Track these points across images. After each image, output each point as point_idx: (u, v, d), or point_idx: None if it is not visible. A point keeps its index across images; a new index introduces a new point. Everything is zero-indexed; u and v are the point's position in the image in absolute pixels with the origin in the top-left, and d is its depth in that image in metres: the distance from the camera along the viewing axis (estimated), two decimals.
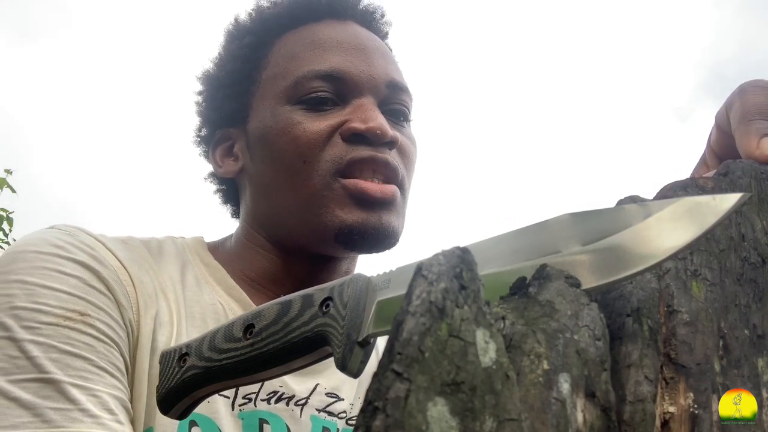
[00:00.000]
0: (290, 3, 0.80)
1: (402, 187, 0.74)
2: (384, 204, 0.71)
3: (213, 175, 0.85)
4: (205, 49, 0.87)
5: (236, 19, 0.83)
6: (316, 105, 0.72)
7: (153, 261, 0.71)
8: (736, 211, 0.32)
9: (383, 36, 0.83)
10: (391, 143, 0.72)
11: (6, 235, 3.53)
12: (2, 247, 3.32)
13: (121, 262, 0.66)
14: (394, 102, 0.76)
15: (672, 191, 0.39)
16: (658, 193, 0.40)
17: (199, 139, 0.85)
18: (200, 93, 0.84)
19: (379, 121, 0.70)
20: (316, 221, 0.71)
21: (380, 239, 0.71)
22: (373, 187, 0.70)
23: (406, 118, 0.78)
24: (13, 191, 3.51)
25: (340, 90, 0.73)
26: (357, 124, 0.70)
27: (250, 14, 0.83)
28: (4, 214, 3.53)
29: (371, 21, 0.82)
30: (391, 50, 0.83)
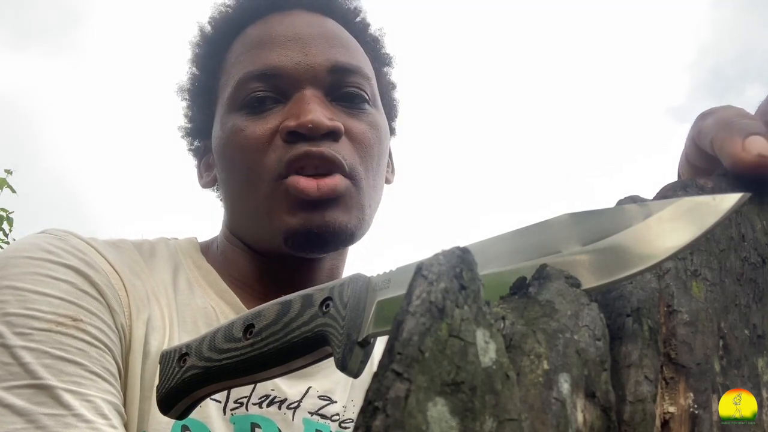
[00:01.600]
0: (240, 5, 0.78)
1: (354, 178, 0.70)
2: (325, 201, 0.67)
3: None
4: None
5: (199, 29, 0.82)
6: (256, 107, 0.70)
7: (145, 264, 0.70)
8: (736, 211, 0.32)
9: (347, 15, 0.79)
10: (334, 134, 0.68)
11: (6, 235, 3.53)
12: (2, 248, 3.32)
13: (112, 266, 0.65)
14: (343, 86, 0.72)
15: (672, 191, 0.39)
16: (658, 193, 0.40)
17: (191, 152, 0.85)
18: (183, 107, 0.84)
19: (311, 115, 0.67)
20: (268, 227, 0.70)
21: (327, 239, 0.68)
22: (310, 185, 0.67)
23: (364, 100, 0.73)
24: (13, 191, 3.51)
25: (278, 87, 0.70)
26: (289, 122, 0.68)
27: (209, 22, 0.81)
28: (4, 214, 3.53)
29: (325, 3, 0.77)
30: (366, 26, 0.80)
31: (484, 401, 0.23)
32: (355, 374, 0.38)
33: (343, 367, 0.38)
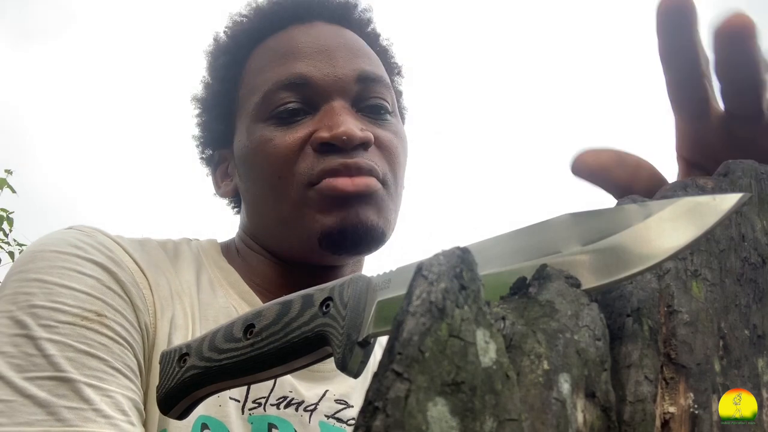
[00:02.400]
0: (258, 16, 0.79)
1: (385, 184, 0.71)
2: (360, 198, 0.68)
3: None
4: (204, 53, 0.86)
5: (214, 39, 0.83)
6: (286, 118, 0.71)
7: (169, 264, 0.71)
8: (737, 211, 0.32)
9: (362, 25, 0.80)
10: (365, 144, 0.70)
11: (6, 235, 3.53)
12: (2, 247, 3.32)
13: (138, 265, 0.66)
14: (369, 97, 0.73)
15: (672, 191, 0.39)
16: (658, 193, 0.40)
17: (203, 160, 0.86)
18: (197, 116, 0.85)
19: (345, 126, 0.68)
20: (300, 230, 0.70)
21: (362, 237, 0.69)
22: (345, 182, 0.68)
23: (387, 111, 0.75)
24: (13, 191, 3.50)
25: (307, 97, 0.71)
26: (323, 133, 0.69)
27: (225, 32, 0.82)
28: (4, 214, 3.53)
29: (343, 15, 0.79)
30: (377, 36, 0.81)
31: (484, 401, 0.23)
32: (355, 374, 0.38)
33: (343, 367, 0.38)
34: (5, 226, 3.51)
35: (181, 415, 0.47)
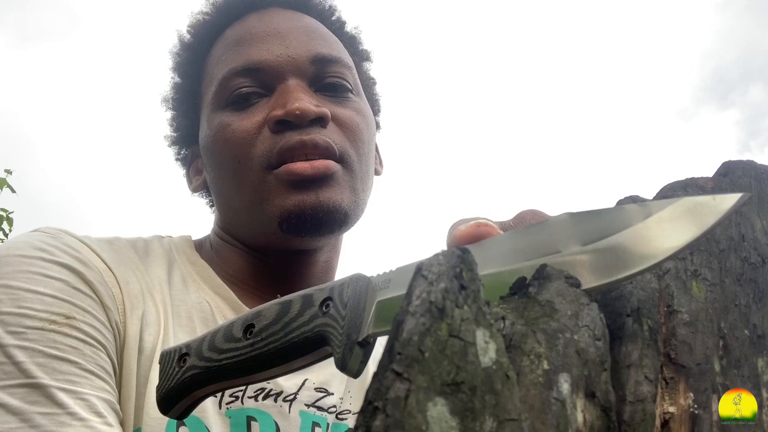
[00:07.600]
0: (217, 10, 0.80)
1: (345, 161, 0.71)
2: (319, 180, 0.68)
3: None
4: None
5: (179, 38, 0.83)
6: (242, 102, 0.72)
7: (140, 261, 0.70)
8: (736, 211, 0.32)
9: (323, 13, 0.81)
10: (322, 120, 0.70)
11: (6, 235, 3.53)
12: None
13: (106, 264, 0.66)
14: (326, 76, 0.74)
15: (672, 191, 0.39)
16: (658, 193, 0.40)
17: (180, 161, 0.86)
18: (168, 117, 0.86)
19: (298, 103, 0.68)
20: (261, 216, 0.70)
21: (322, 219, 0.69)
22: (302, 165, 0.68)
23: (347, 89, 0.75)
24: (13, 191, 3.51)
25: (263, 80, 0.72)
26: (276, 111, 0.69)
27: (188, 31, 0.83)
28: (4, 214, 3.53)
29: (300, 1, 0.79)
30: (343, 23, 0.82)
31: (484, 401, 0.23)
32: (355, 374, 0.38)
33: (343, 367, 0.38)
34: (5, 226, 3.52)
35: (181, 415, 0.47)
